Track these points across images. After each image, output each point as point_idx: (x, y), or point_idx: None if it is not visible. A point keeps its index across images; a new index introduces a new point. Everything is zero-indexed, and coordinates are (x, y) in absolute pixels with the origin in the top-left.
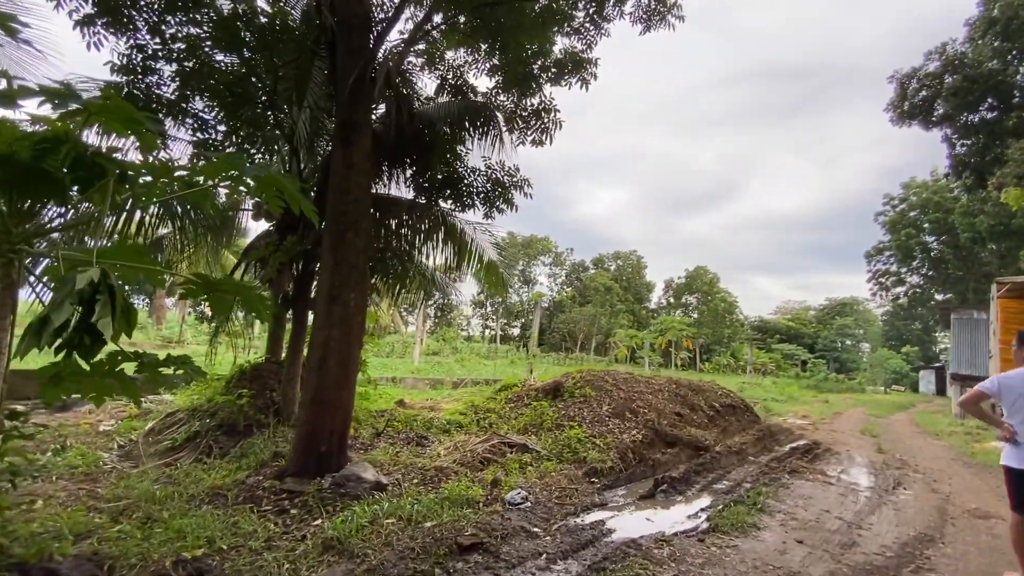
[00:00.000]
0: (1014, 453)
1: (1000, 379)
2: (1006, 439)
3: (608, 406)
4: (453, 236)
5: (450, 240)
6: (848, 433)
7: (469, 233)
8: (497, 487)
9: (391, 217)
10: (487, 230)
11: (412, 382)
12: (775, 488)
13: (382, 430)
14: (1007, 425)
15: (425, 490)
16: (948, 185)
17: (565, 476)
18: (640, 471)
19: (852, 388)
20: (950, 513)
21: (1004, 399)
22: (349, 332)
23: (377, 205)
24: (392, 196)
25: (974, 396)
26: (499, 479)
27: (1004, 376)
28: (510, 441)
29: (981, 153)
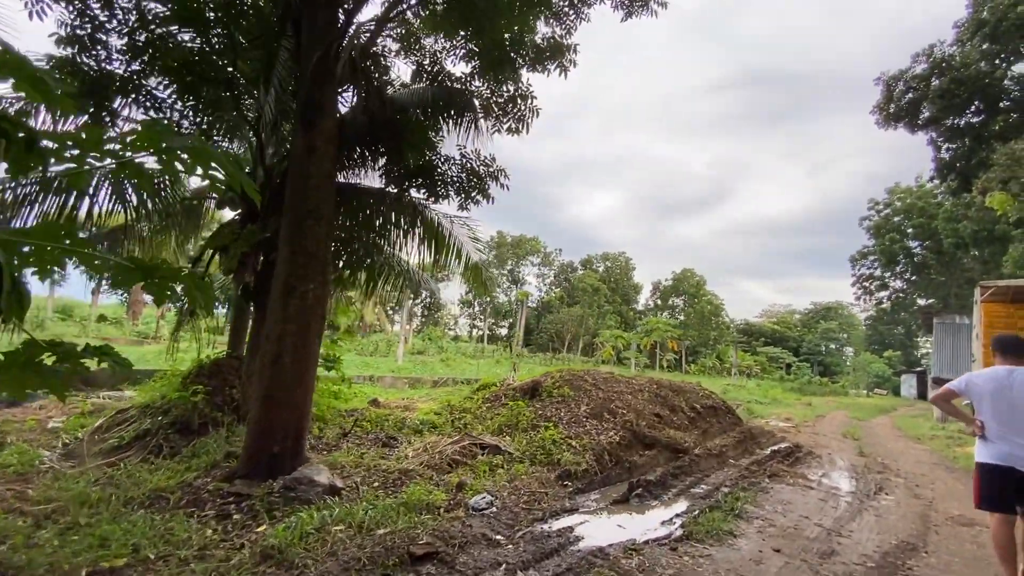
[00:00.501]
0: (987, 449)
1: (968, 378)
2: (975, 435)
3: (586, 406)
4: (430, 229)
5: (427, 233)
6: (830, 436)
7: (447, 227)
8: (462, 491)
9: (361, 207)
10: (466, 224)
11: (391, 381)
12: (754, 493)
13: (349, 430)
14: (977, 421)
15: (384, 494)
16: (932, 191)
17: (536, 479)
18: (616, 474)
19: (835, 391)
20: (933, 520)
21: (972, 397)
22: (307, 326)
23: (345, 194)
24: (363, 186)
25: (944, 393)
26: (464, 482)
27: (973, 375)
28: (482, 442)
29: (967, 156)
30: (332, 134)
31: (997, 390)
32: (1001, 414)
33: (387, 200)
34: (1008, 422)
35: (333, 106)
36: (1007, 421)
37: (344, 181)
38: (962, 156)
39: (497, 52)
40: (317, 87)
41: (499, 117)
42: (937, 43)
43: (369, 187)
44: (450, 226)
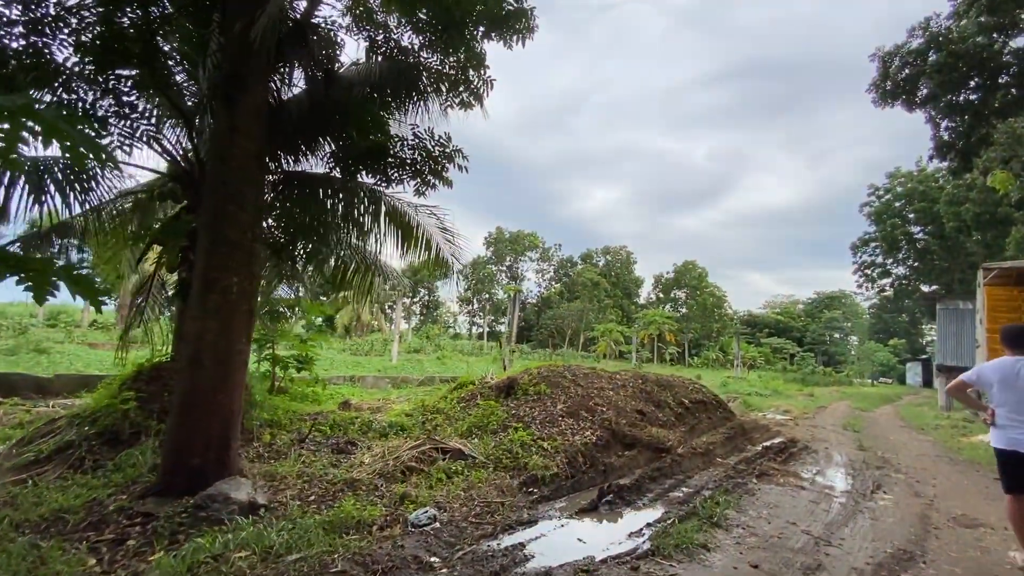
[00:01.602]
0: (998, 435)
1: (979, 369)
2: (988, 423)
3: (563, 404)
4: (395, 218)
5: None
6: (829, 428)
7: (413, 216)
8: (404, 504)
9: (315, 197)
10: (434, 213)
11: (372, 381)
12: (738, 496)
13: (306, 436)
14: (988, 409)
15: (314, 510)
16: (934, 175)
17: (496, 487)
18: (589, 478)
19: (839, 381)
20: (933, 522)
21: (983, 386)
22: (229, 323)
23: (298, 183)
24: (318, 174)
25: (958, 384)
26: (408, 494)
27: (983, 366)
28: (444, 446)
29: (966, 134)
30: (258, 112)
31: (1004, 379)
32: (1009, 402)
33: (346, 189)
34: (1016, 410)
35: (259, 81)
36: (1015, 409)
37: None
38: (962, 134)
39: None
40: (240, 60)
41: (450, 90)
42: (933, 16)
43: (328, 175)
44: (415, 214)
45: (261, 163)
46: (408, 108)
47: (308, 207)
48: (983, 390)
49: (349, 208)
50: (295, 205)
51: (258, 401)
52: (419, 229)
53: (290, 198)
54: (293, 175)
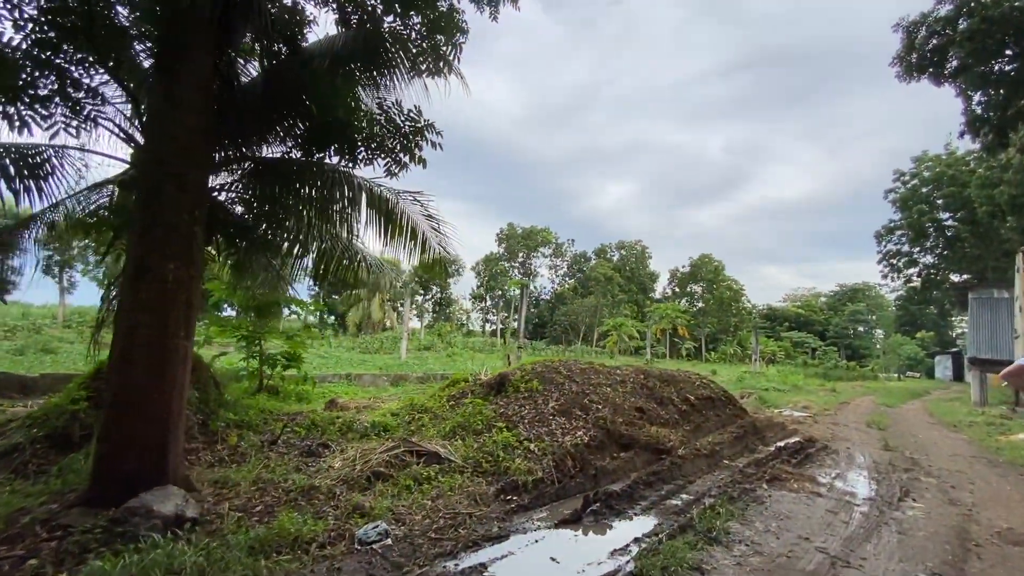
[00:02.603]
0: None
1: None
2: None
3: (555, 402)
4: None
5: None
6: (852, 426)
7: (395, 202)
8: (355, 517)
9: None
10: (416, 199)
11: (371, 379)
12: (744, 504)
13: (278, 437)
14: None
15: (254, 523)
16: (964, 158)
17: (470, 494)
18: (577, 483)
19: (864, 376)
20: (973, 536)
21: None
22: (165, 315)
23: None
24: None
25: (1018, 369)
26: (362, 505)
27: None
28: (419, 449)
29: (1002, 107)
30: (202, 84)
31: None
32: None
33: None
34: None
35: (202, 49)
36: None
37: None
38: (996, 106)
39: None
40: (179, 27)
41: (418, 56)
42: None
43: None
44: (397, 201)
45: (206, 140)
46: (376, 80)
47: (282, 194)
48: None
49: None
50: (269, 192)
51: (228, 401)
52: (403, 217)
53: (263, 184)
54: (265, 160)
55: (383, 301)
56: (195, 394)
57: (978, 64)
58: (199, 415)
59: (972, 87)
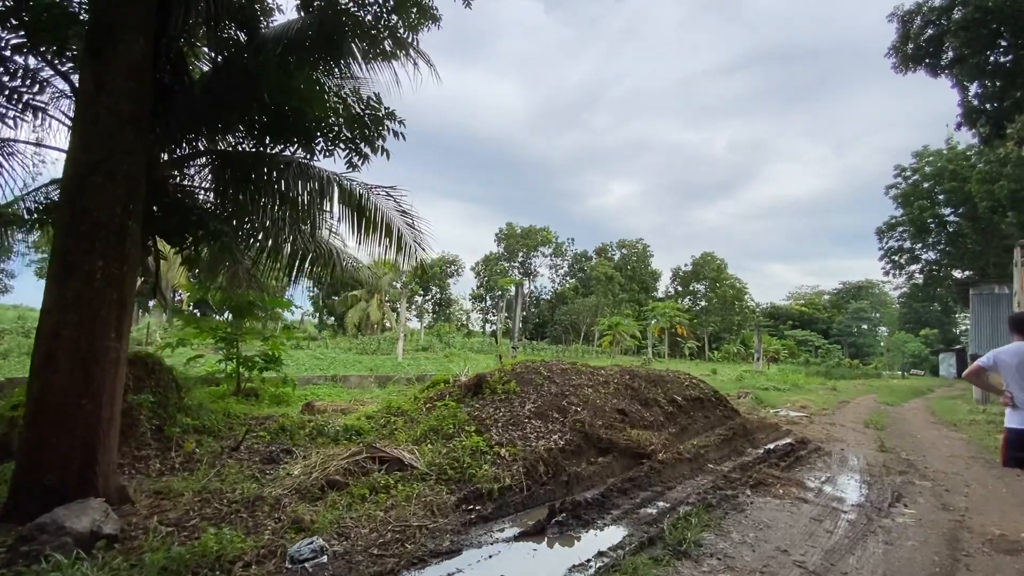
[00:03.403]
0: (1014, 416)
1: (995, 354)
2: (1006, 405)
3: (532, 404)
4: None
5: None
6: (849, 426)
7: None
8: (290, 533)
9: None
10: (389, 195)
11: (357, 380)
12: (722, 512)
13: (240, 443)
14: (1007, 393)
15: (183, 540)
16: (964, 152)
17: (427, 505)
18: (546, 491)
19: (867, 374)
20: (964, 546)
21: (1000, 370)
22: (93, 315)
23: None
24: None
25: (975, 369)
26: (301, 519)
27: (999, 351)
28: (382, 455)
29: (998, 97)
30: (135, 69)
31: (1019, 364)
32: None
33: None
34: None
35: (135, 31)
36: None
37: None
38: (992, 97)
39: None
40: (110, 6)
41: (372, 39)
42: None
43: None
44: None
45: (139, 129)
46: (330, 66)
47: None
48: (1000, 374)
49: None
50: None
51: (190, 405)
52: (376, 213)
53: (224, 179)
54: (221, 153)
55: (381, 302)
56: (150, 398)
57: (973, 55)
58: (154, 420)
59: (968, 78)
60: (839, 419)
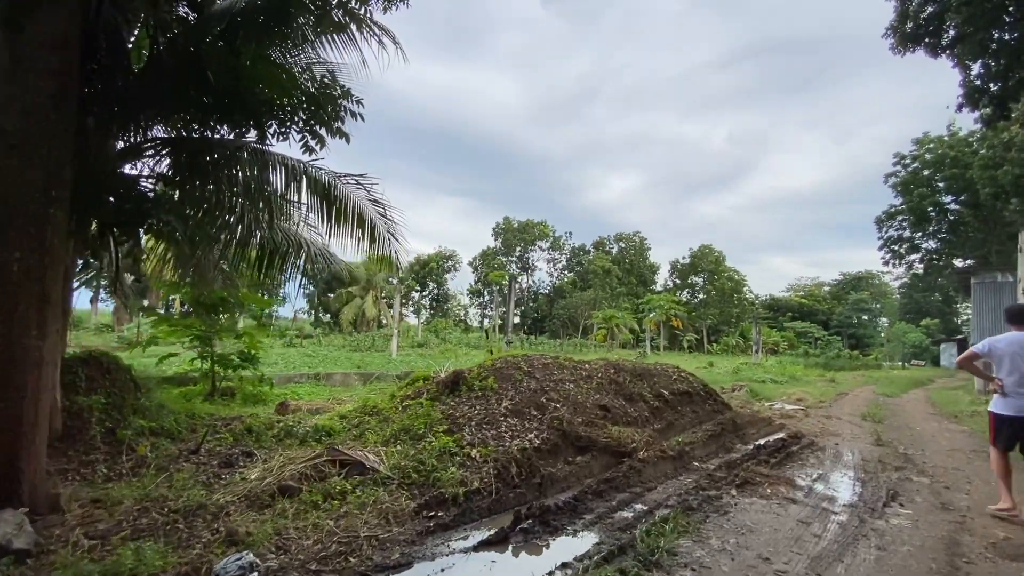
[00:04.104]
0: (1004, 403)
1: (990, 341)
2: (996, 391)
3: (509, 401)
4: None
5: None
6: (845, 419)
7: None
8: (224, 545)
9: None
10: (359, 184)
11: (341, 378)
12: (703, 515)
13: (199, 446)
14: (998, 380)
15: (101, 555)
16: (966, 139)
17: (383, 512)
18: (517, 494)
19: (867, 365)
20: (965, 550)
21: (993, 358)
22: (11, 312)
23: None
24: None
25: (969, 355)
26: (235, 531)
27: (994, 339)
28: (343, 458)
29: (1002, 76)
30: (58, 43)
31: (1013, 353)
32: (1016, 373)
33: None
34: (1022, 380)
35: (58, 4)
36: (1022, 380)
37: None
38: (996, 76)
39: None
40: None
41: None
42: None
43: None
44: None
45: (64, 110)
46: (277, 42)
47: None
48: (993, 362)
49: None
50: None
51: (147, 406)
52: (348, 203)
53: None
54: (180, 141)
55: (377, 298)
56: (101, 400)
57: (976, 32)
58: (107, 423)
59: (970, 57)
60: (836, 412)
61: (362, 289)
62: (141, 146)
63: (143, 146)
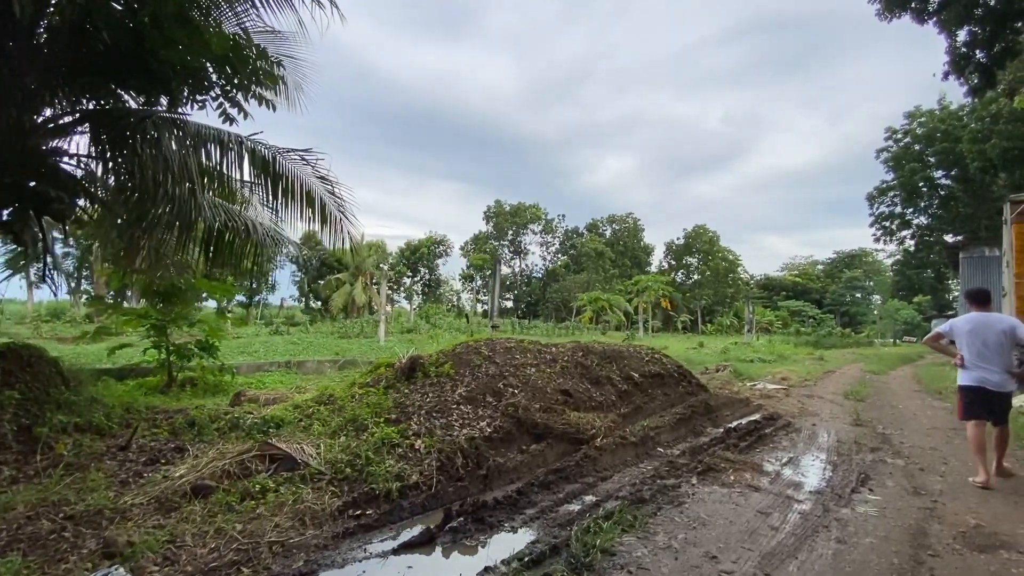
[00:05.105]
0: (966, 375)
1: (952, 322)
2: (958, 365)
3: (464, 388)
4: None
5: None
6: (827, 398)
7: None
8: (104, 557)
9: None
10: (303, 159)
11: (314, 365)
12: (655, 507)
13: (129, 441)
14: (959, 355)
15: None
16: (956, 112)
17: (298, 513)
18: (459, 488)
19: (858, 342)
20: (932, 542)
21: (956, 337)
22: None
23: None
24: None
25: (934, 335)
26: (114, 541)
27: (956, 320)
28: (276, 452)
29: (988, 43)
30: None
31: (973, 331)
32: (976, 349)
33: (186, 131)
34: (981, 355)
35: None
36: (980, 354)
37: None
38: (982, 43)
39: None
40: None
41: None
42: None
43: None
44: (279, 159)
45: None
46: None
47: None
48: (954, 339)
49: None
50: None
51: (74, 400)
52: (294, 180)
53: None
54: (99, 114)
55: (366, 284)
56: (15, 395)
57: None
58: (21, 419)
59: (956, 23)
60: (819, 391)
61: (351, 275)
62: (56, 120)
63: (59, 120)
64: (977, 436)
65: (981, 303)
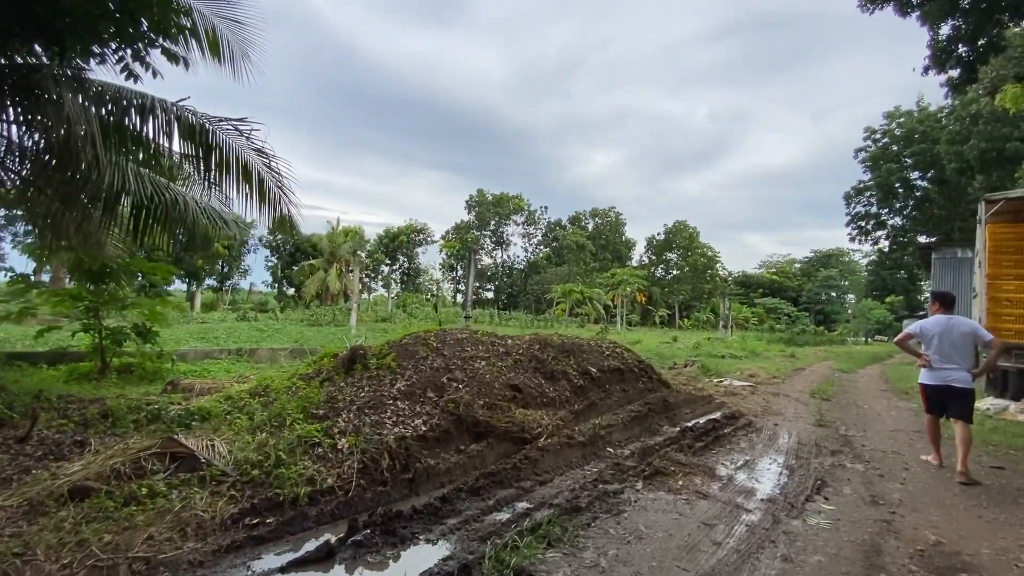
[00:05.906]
0: (931, 375)
1: (921, 323)
2: (923, 366)
3: (405, 381)
4: (184, 132)
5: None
6: (793, 396)
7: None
8: None
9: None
10: (237, 129)
11: (268, 354)
12: (591, 517)
13: (27, 433)
14: (925, 356)
15: None
16: (935, 114)
17: (182, 522)
18: (378, 494)
19: (831, 340)
20: (886, 560)
21: (923, 338)
22: None
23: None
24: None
25: (904, 336)
26: None
27: (925, 321)
28: (178, 450)
29: (970, 37)
30: None
31: (940, 332)
32: (942, 350)
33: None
34: (946, 355)
35: None
36: (946, 354)
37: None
38: (966, 37)
39: None
40: None
41: None
42: None
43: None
44: (213, 129)
45: None
46: None
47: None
48: (923, 342)
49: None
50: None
51: None
52: (228, 152)
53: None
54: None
55: (341, 271)
56: None
57: None
58: None
59: (939, 16)
60: (786, 388)
61: (326, 261)
62: None
63: None
64: (933, 429)
65: (947, 306)
